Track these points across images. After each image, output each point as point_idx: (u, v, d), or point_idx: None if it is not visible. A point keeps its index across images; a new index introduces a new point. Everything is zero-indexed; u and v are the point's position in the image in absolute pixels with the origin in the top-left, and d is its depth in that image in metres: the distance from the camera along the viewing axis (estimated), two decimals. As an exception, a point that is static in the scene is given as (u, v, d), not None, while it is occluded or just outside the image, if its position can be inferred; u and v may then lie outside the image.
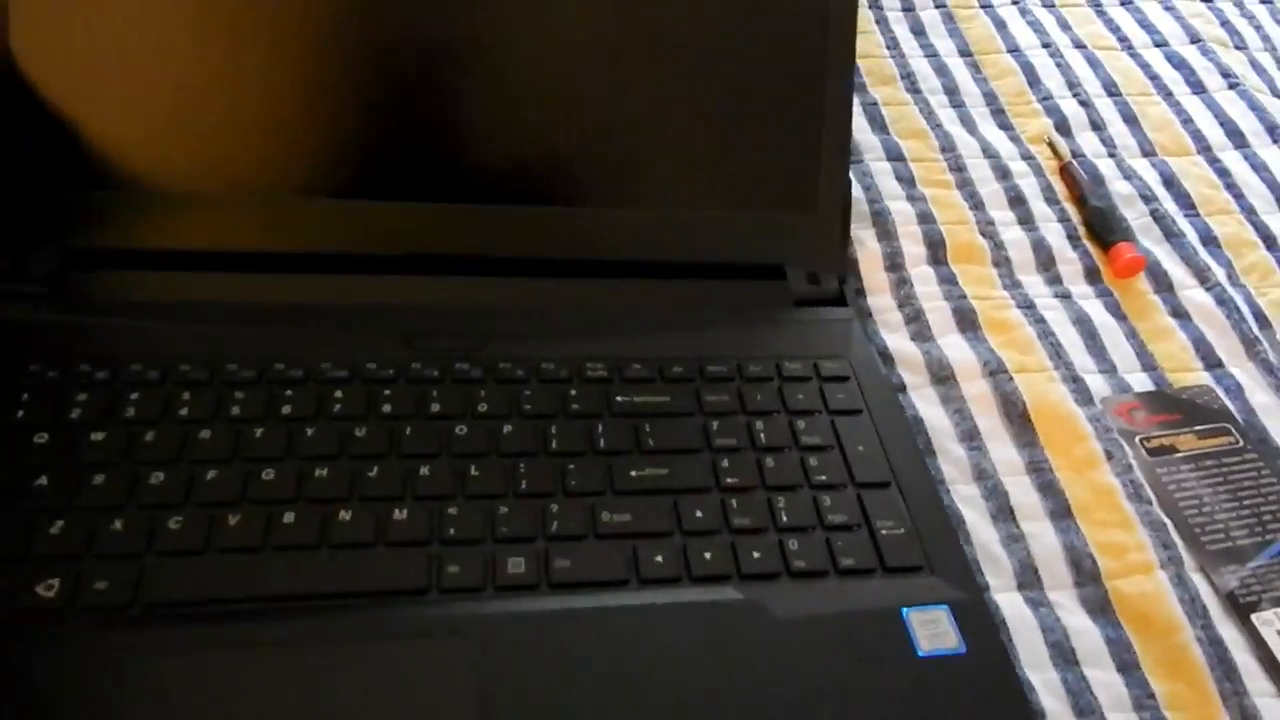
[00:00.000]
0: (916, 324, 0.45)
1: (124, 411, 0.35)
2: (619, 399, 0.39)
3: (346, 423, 0.36)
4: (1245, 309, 0.46)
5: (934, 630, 0.34)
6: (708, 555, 0.34)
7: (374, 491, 0.34)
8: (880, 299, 0.47)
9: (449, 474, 0.35)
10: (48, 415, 0.35)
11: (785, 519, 0.36)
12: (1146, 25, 0.61)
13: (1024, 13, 0.61)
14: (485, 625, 0.32)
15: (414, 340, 0.40)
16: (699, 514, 0.35)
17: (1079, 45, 0.59)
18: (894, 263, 0.48)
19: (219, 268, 0.40)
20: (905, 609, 0.34)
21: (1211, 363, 0.45)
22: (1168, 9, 0.62)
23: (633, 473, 0.37)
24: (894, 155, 0.52)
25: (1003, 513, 0.39)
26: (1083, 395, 0.43)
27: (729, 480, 0.37)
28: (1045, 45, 0.59)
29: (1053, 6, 0.62)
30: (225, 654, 0.30)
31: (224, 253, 0.40)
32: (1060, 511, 0.39)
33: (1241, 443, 0.42)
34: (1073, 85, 0.56)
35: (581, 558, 0.34)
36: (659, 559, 0.34)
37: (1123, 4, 0.62)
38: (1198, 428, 0.42)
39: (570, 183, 0.43)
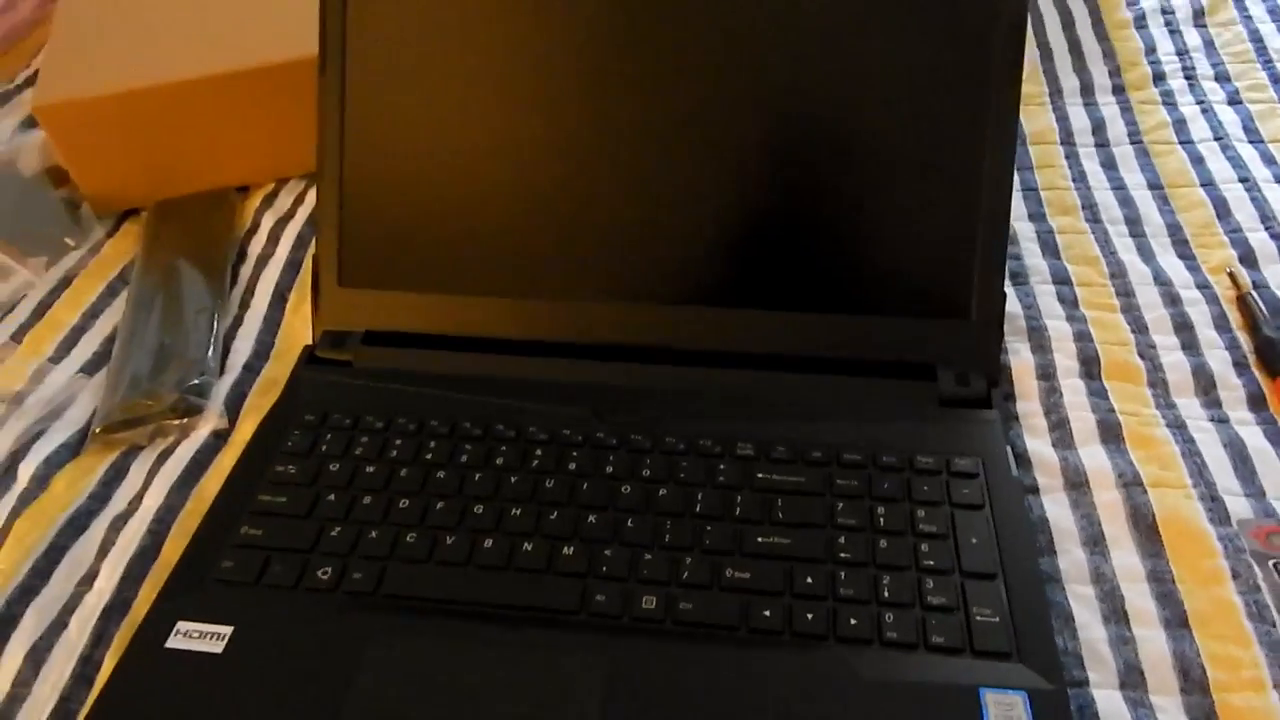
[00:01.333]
0: (1060, 431, 0.49)
1: (390, 453, 0.48)
2: (760, 475, 0.46)
3: (540, 475, 0.47)
4: None
5: (1008, 713, 0.37)
6: (809, 616, 0.40)
7: (552, 530, 0.44)
8: (1028, 404, 0.50)
9: (610, 523, 0.44)
10: (340, 450, 0.48)
11: (887, 594, 0.41)
12: (1362, 158, 0.60)
13: (1225, 148, 0.62)
14: (618, 646, 0.40)
15: (603, 413, 0.50)
16: (809, 580, 0.42)
17: (1280, 179, 0.59)
18: (1046, 373, 0.51)
19: (468, 349, 0.53)
20: (983, 689, 0.38)
21: (1374, 497, 0.44)
22: (1389, 141, 0.60)
23: (759, 539, 0.43)
24: (1060, 279, 0.56)
25: (1116, 615, 0.41)
26: (1219, 515, 0.44)
27: (843, 555, 0.43)
28: (1243, 180, 0.60)
29: (1259, 142, 0.62)
30: (428, 639, 0.40)
31: (472, 337, 0.53)
32: (1176, 621, 0.41)
33: (1396, 578, 0.41)
34: (1266, 218, 0.57)
35: (702, 604, 0.41)
36: (767, 613, 0.40)
37: (1339, 137, 0.62)
38: (1343, 558, 0.42)
39: (745, 286, 0.51)
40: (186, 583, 0.43)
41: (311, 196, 0.64)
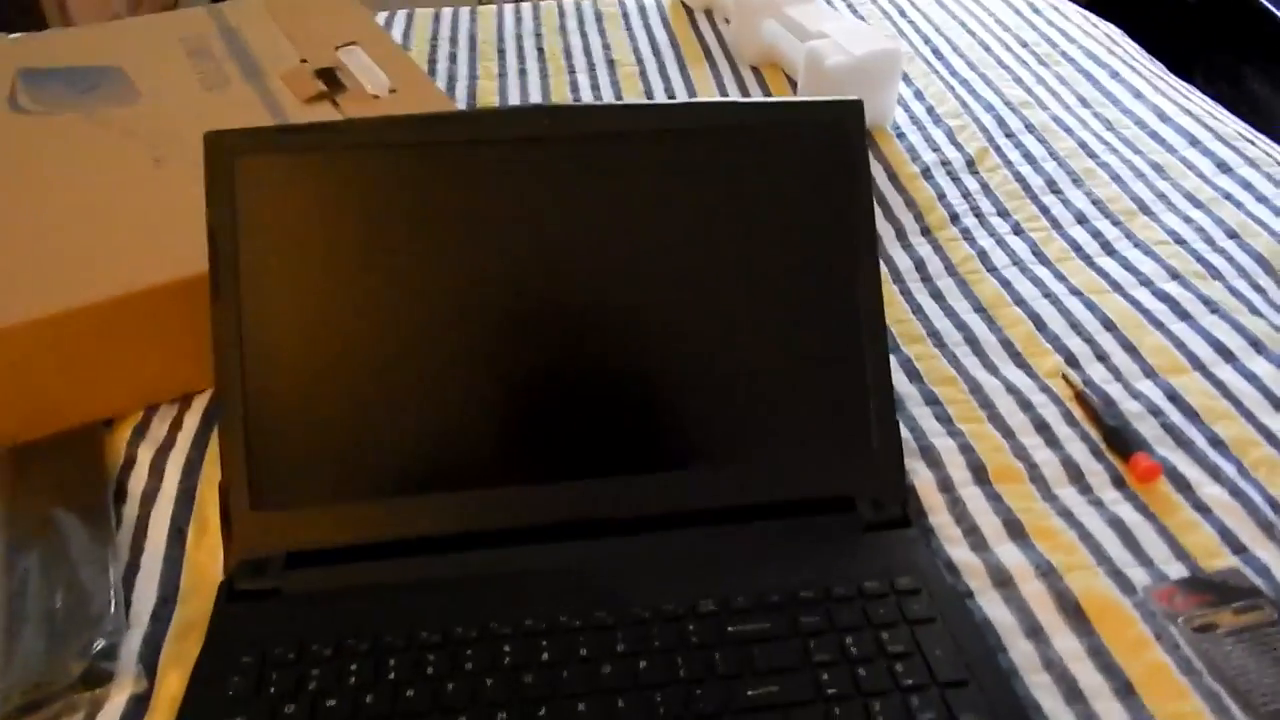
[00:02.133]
0: (973, 536, 0.54)
1: (349, 680, 0.45)
2: (730, 629, 0.48)
3: (516, 672, 0.45)
4: (1260, 498, 0.54)
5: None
6: (818, 759, 0.41)
7: (546, 725, 0.43)
8: (939, 517, 0.55)
9: (600, 709, 0.44)
10: (292, 688, 0.45)
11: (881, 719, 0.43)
12: (1131, 269, 0.72)
13: (1024, 271, 0.73)
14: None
15: (558, 598, 0.49)
16: None
17: (1076, 292, 0.70)
18: (945, 485, 0.57)
19: (401, 554, 0.51)
20: (994, 788, 0.40)
21: (1237, 548, 0.52)
22: (1147, 254, 0.73)
23: (749, 692, 0.44)
24: (931, 400, 0.62)
25: (1073, 695, 0.45)
26: (1126, 586, 0.50)
27: (830, 691, 0.44)
28: (1046, 295, 0.70)
29: (1048, 263, 0.74)
30: None
31: (403, 541, 0.51)
32: (1123, 690, 0.45)
33: (1277, 615, 0.48)
34: (1075, 326, 0.67)
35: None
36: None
37: (1109, 254, 0.74)
38: (1234, 605, 0.48)
39: (667, 450, 0.54)
40: None
41: (189, 422, 0.61)
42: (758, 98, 0.97)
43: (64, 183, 0.67)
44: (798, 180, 0.56)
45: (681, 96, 0.97)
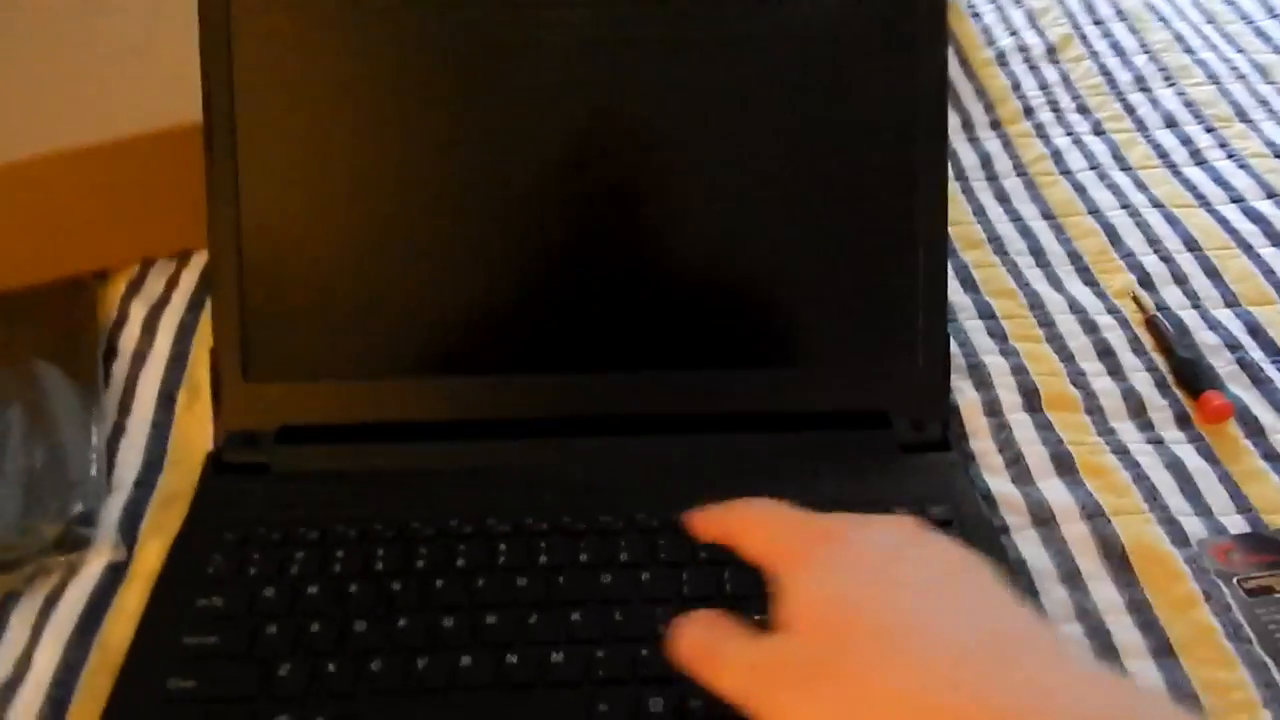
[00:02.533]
0: (1016, 467, 0.49)
1: (334, 567, 0.42)
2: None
3: (510, 573, 0.43)
4: (1339, 450, 0.49)
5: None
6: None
7: (536, 636, 0.40)
8: (981, 443, 0.51)
9: (598, 620, 0.41)
10: (274, 571, 0.42)
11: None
12: (1222, 182, 0.65)
13: (1102, 177, 0.66)
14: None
15: (567, 495, 0.46)
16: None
17: (1157, 205, 0.63)
18: (992, 409, 0.52)
19: (398, 438, 0.48)
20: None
21: (1307, 503, 0.47)
22: (1241, 166, 0.66)
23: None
24: (986, 313, 0.57)
25: (1106, 651, 0.42)
26: (1179, 537, 0.46)
27: (844, 622, 0.41)
28: (1124, 206, 0.63)
29: (1129, 170, 0.66)
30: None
31: (402, 424, 0.48)
32: (1162, 650, 0.42)
33: (1343, 581, 0.43)
34: (1154, 243, 0.61)
35: (711, 698, 0.38)
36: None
37: (1198, 164, 0.67)
38: (1296, 567, 0.44)
39: (692, 347, 0.49)
40: (111, 754, 0.36)
41: (186, 280, 0.57)
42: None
43: (62, 8, 0.62)
44: (864, 56, 0.49)
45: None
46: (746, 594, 0.42)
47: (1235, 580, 0.44)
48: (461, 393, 0.49)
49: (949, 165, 0.66)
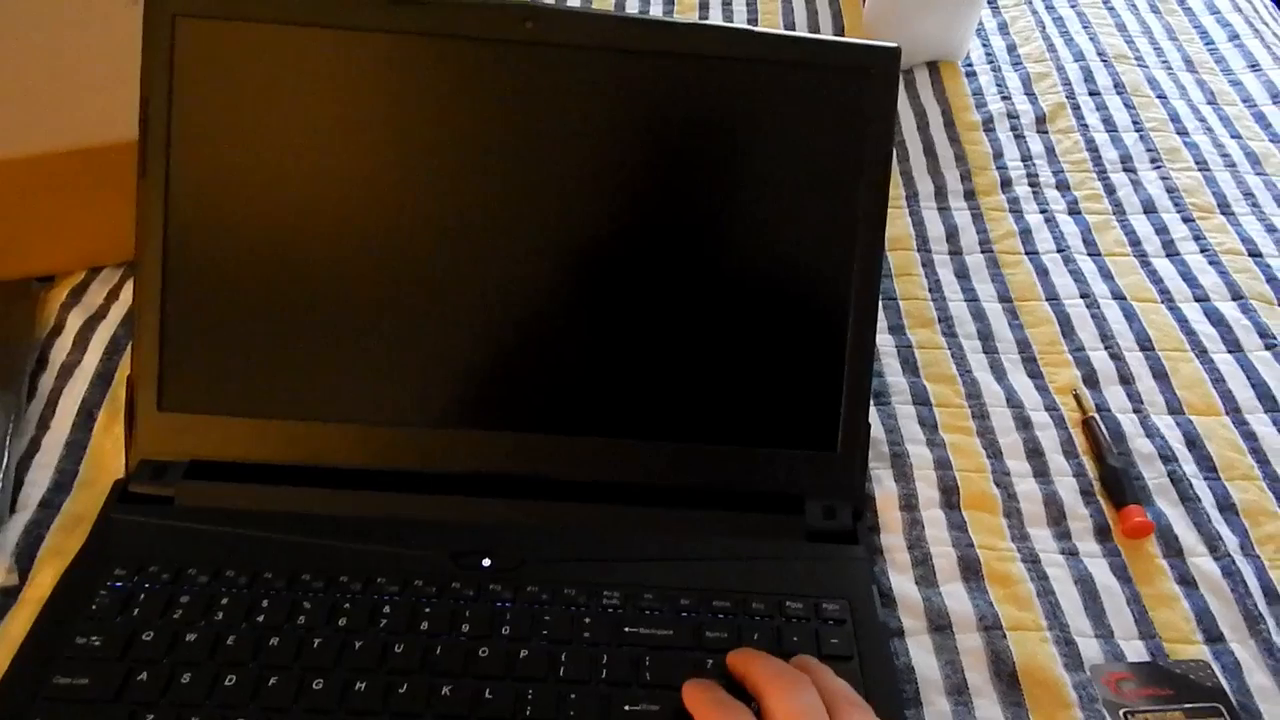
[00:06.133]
0: (923, 567, 0.49)
1: (216, 614, 0.43)
2: (627, 629, 0.44)
3: (390, 637, 0.43)
4: (1255, 582, 0.48)
5: None
6: (682, 793, 0.38)
7: (401, 707, 0.40)
8: (892, 538, 0.50)
9: (467, 695, 0.41)
10: (156, 614, 0.43)
11: (761, 763, 0.40)
12: (1189, 278, 0.63)
13: (1068, 261, 0.65)
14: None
15: (460, 558, 0.46)
16: (679, 753, 0.40)
17: (1118, 296, 0.62)
18: (909, 503, 0.51)
19: (308, 482, 0.48)
20: None
21: (1213, 636, 0.46)
22: (1212, 262, 0.64)
23: (626, 707, 0.41)
24: (920, 399, 0.56)
25: (980, 773, 0.41)
26: (1073, 660, 0.45)
27: None
28: (1084, 295, 0.62)
29: (1097, 255, 0.65)
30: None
31: (314, 468, 0.48)
32: (1037, 779, 0.41)
33: (1232, 725, 0.43)
34: (1106, 338, 0.60)
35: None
36: (638, 795, 0.38)
37: (1169, 255, 0.65)
38: (1187, 705, 0.43)
39: (608, 415, 0.49)
40: (-37, 794, 0.37)
41: (127, 293, 0.57)
42: (789, 31, 0.87)
43: (27, 14, 0.62)
44: (812, 129, 0.49)
45: (741, 12, 0.87)
46: (625, 680, 0.42)
47: (1122, 713, 0.43)
48: (373, 442, 0.49)
49: (911, 233, 0.66)
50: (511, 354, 0.49)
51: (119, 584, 0.44)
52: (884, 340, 0.59)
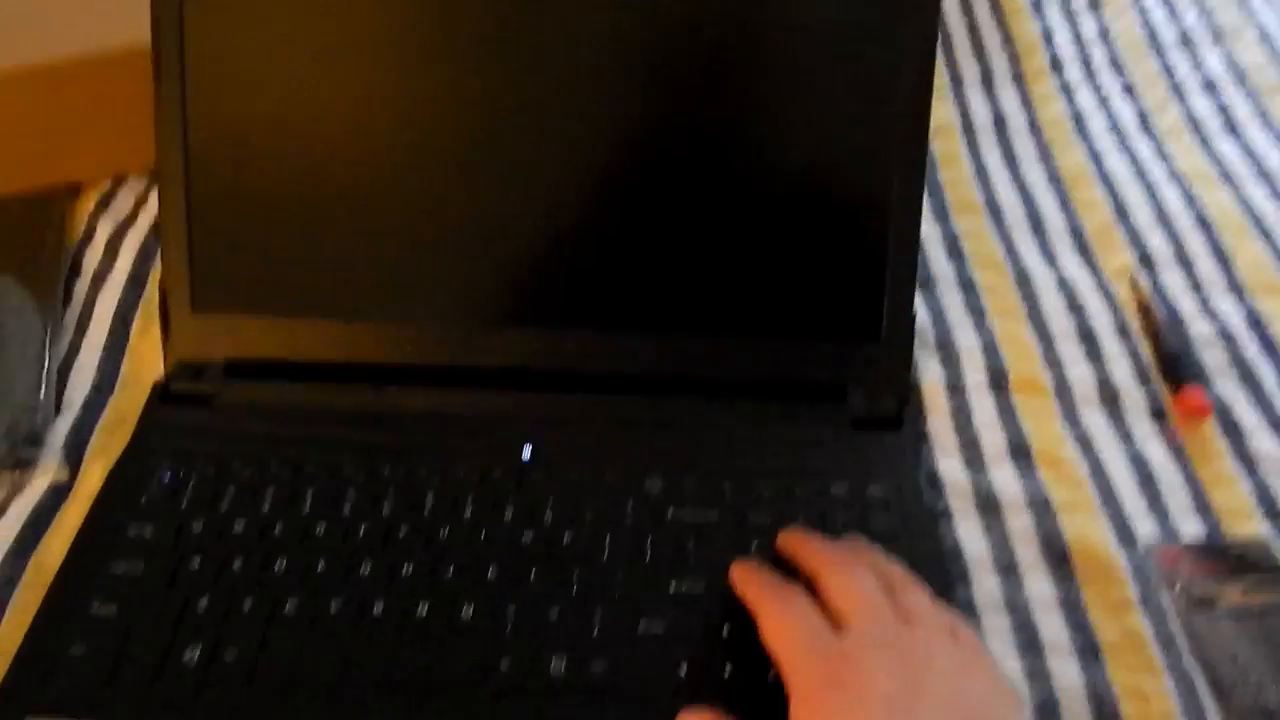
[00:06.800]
0: (970, 450, 0.48)
1: (262, 506, 0.43)
2: (670, 513, 0.44)
3: (434, 524, 0.43)
4: (1318, 459, 0.46)
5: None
6: (726, 671, 0.38)
7: (449, 589, 0.40)
8: (939, 423, 0.49)
9: (512, 575, 0.41)
10: (205, 505, 0.43)
11: (807, 640, 0.39)
12: (1253, 157, 0.60)
13: (1122, 143, 0.62)
14: (527, 717, 0.37)
15: (500, 449, 0.46)
16: (725, 630, 0.39)
17: (1176, 177, 0.59)
18: (955, 388, 0.50)
19: (347, 379, 0.48)
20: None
21: (1271, 513, 0.45)
22: (1279, 141, 0.61)
23: (672, 585, 0.41)
24: (967, 286, 0.54)
25: (1029, 646, 0.41)
26: (1127, 538, 0.44)
27: (760, 600, 0.41)
28: (1140, 177, 0.60)
29: (1154, 137, 0.62)
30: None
31: (351, 365, 0.48)
32: (1088, 651, 0.40)
33: (1293, 599, 0.41)
34: (1164, 219, 0.57)
35: (615, 662, 0.38)
36: (682, 669, 0.38)
37: (1230, 134, 0.62)
38: (1245, 582, 0.42)
39: (649, 308, 0.48)
40: (31, 673, 0.38)
41: (154, 199, 0.57)
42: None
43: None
44: (853, 12, 0.46)
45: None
46: (669, 561, 0.42)
47: (1178, 588, 0.42)
48: (409, 338, 0.48)
49: (957, 120, 0.63)
50: (549, 247, 0.48)
51: (166, 477, 0.44)
52: (929, 229, 0.57)
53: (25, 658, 0.38)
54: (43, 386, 0.47)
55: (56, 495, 0.45)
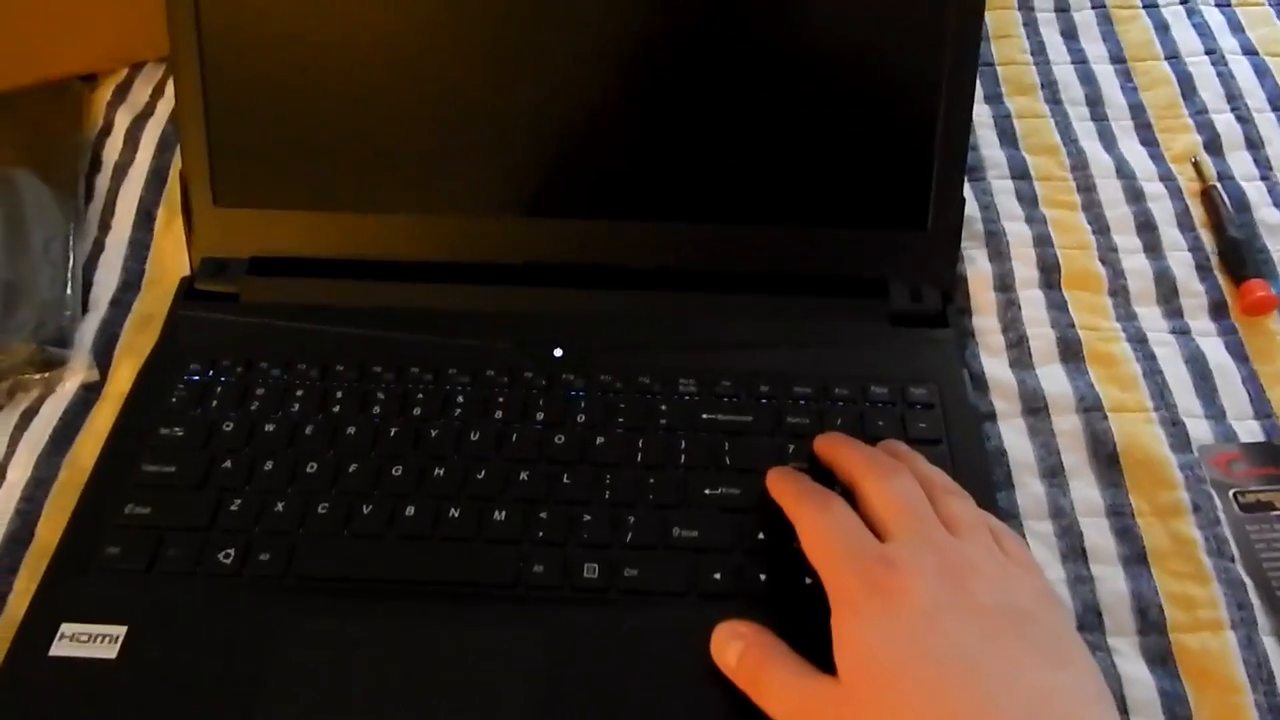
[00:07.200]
0: (1018, 349, 0.46)
1: (292, 405, 0.43)
2: (704, 416, 0.43)
3: (464, 425, 0.42)
4: (1388, 357, 0.44)
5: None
6: (762, 576, 0.38)
7: (480, 491, 0.40)
8: (985, 320, 0.47)
9: (544, 479, 0.40)
10: (234, 404, 0.43)
11: (844, 545, 0.39)
12: (1334, 26, 0.56)
13: (1191, 13, 0.57)
14: (558, 620, 0.37)
15: (530, 347, 0.45)
16: (760, 535, 0.39)
17: (1249, 51, 0.55)
18: (1004, 284, 0.48)
19: (373, 276, 0.46)
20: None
21: (1336, 414, 0.43)
22: (1364, 6, 0.56)
23: (706, 490, 0.40)
24: (1019, 173, 0.51)
25: (1074, 553, 0.40)
26: (1180, 441, 0.42)
27: (798, 504, 0.40)
28: (1209, 51, 0.55)
29: (1227, 6, 0.57)
30: (348, 624, 0.36)
31: (378, 261, 0.47)
32: (1134, 558, 0.40)
33: (1353, 503, 0.40)
34: (1232, 98, 0.53)
35: (648, 568, 0.38)
36: (717, 575, 0.38)
37: (1311, 0, 0.57)
38: (1303, 484, 0.41)
39: (678, 196, 0.46)
40: (68, 573, 0.38)
41: (172, 89, 0.55)
42: None
43: None
44: None
45: None
46: (704, 464, 0.41)
47: (1231, 493, 0.41)
48: (436, 232, 0.47)
49: (1013, -8, 0.59)
50: (578, 137, 0.45)
51: (195, 378, 0.44)
52: (980, 110, 0.54)
53: (61, 559, 0.38)
54: (69, 285, 0.47)
55: (88, 395, 0.45)
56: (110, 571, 0.38)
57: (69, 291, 0.46)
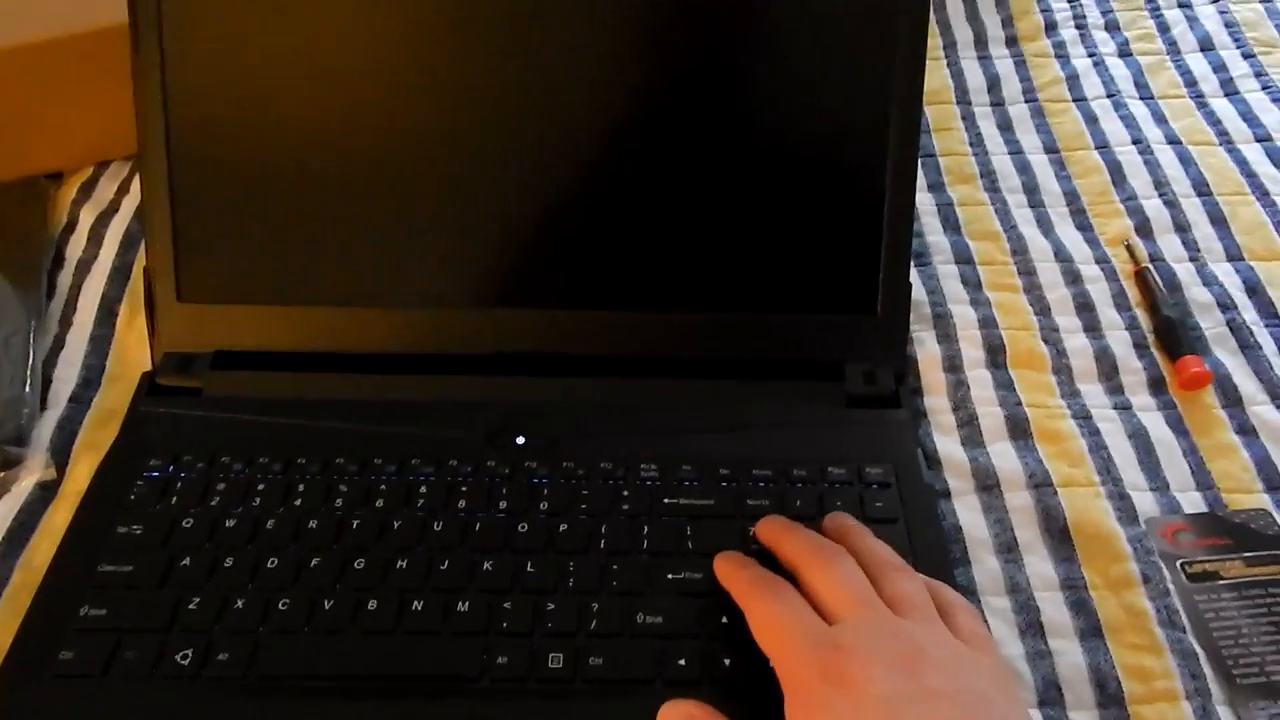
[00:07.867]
0: (969, 428, 0.47)
1: (253, 500, 0.42)
2: (666, 500, 0.43)
3: (428, 516, 0.42)
4: (1319, 428, 0.46)
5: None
6: (727, 662, 0.38)
7: (444, 583, 0.40)
8: (936, 400, 0.49)
9: (508, 569, 0.40)
10: (195, 501, 0.42)
11: (809, 627, 0.39)
12: (1249, 118, 0.59)
13: (1118, 106, 0.61)
14: (524, 715, 0.36)
15: (494, 437, 0.45)
16: (724, 620, 0.39)
17: (1173, 140, 0.58)
18: (953, 364, 0.50)
19: (336, 368, 0.47)
20: None
21: (1273, 484, 0.44)
22: (1276, 100, 0.60)
23: (669, 575, 0.41)
24: (963, 258, 0.54)
25: (1032, 628, 0.41)
26: (1127, 514, 0.44)
27: (759, 585, 0.40)
28: (1136, 141, 0.59)
29: (1150, 98, 0.61)
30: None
31: (340, 354, 0.47)
32: (1090, 631, 0.40)
33: (1294, 572, 0.41)
34: (1160, 185, 0.56)
35: (613, 657, 0.38)
36: (682, 661, 0.38)
37: (1227, 95, 0.61)
38: (1247, 554, 0.42)
39: (638, 287, 0.47)
40: (21, 678, 0.37)
41: (138, 186, 0.56)
42: None
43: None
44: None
45: None
46: (667, 549, 0.41)
47: (1179, 564, 0.42)
48: (399, 325, 0.47)
49: (950, 86, 0.62)
50: (537, 228, 0.47)
51: (155, 474, 0.43)
52: (923, 199, 0.57)
53: (13, 663, 0.37)
54: (27, 382, 0.46)
55: (44, 494, 0.44)
56: (64, 677, 0.37)
57: (28, 389, 0.46)
